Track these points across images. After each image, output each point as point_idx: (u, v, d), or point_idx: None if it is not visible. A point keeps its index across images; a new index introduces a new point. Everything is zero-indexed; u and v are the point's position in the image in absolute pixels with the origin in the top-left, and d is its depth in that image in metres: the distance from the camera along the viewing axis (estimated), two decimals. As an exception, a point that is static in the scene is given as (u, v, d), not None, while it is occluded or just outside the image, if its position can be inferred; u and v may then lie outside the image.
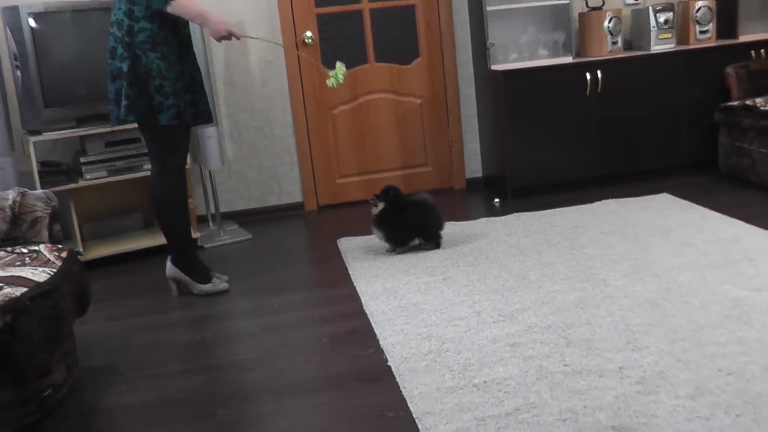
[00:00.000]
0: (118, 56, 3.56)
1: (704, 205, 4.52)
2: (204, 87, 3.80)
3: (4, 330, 2.43)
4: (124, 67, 3.53)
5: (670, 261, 3.67)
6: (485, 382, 2.66)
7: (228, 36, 3.62)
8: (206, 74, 4.66)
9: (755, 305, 3.06)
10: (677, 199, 4.73)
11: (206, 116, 3.81)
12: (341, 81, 3.72)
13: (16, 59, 4.36)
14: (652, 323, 3.00)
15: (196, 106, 3.73)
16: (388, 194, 4.20)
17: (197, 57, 4.01)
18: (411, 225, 4.25)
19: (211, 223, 5.25)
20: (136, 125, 3.76)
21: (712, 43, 5.37)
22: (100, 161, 4.58)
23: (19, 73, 4.37)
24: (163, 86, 3.55)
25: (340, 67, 3.70)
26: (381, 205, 4.19)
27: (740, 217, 4.21)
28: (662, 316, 3.06)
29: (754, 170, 4.79)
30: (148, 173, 4.51)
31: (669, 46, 5.32)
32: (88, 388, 3.00)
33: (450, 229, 4.36)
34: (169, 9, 3.48)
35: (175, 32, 3.59)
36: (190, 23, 3.72)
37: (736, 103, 4.93)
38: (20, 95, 4.43)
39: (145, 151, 4.43)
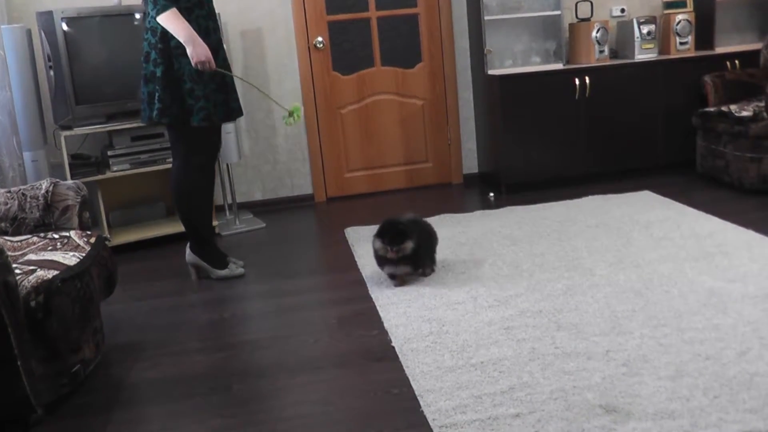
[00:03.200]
0: (152, 61, 3.49)
1: (682, 202, 4.49)
2: (234, 85, 3.73)
3: (38, 309, 2.42)
4: (158, 72, 3.47)
5: (651, 253, 3.64)
6: (482, 362, 2.64)
7: (206, 66, 3.41)
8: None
9: (730, 295, 3.04)
10: (657, 196, 4.71)
11: (237, 112, 3.75)
12: (296, 120, 3.55)
13: (49, 60, 4.33)
14: (634, 310, 2.97)
15: (228, 105, 3.66)
16: (408, 230, 3.39)
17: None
18: (425, 248, 3.59)
19: (228, 213, 5.23)
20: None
21: (691, 54, 5.33)
22: (126, 154, 4.55)
23: (52, 73, 4.34)
24: (194, 90, 3.48)
25: (296, 107, 3.55)
26: (411, 243, 3.39)
27: (715, 214, 4.18)
28: (644, 303, 3.03)
29: (728, 171, 4.76)
30: (170, 166, 4.52)
31: (651, 56, 5.29)
32: (115, 364, 2.98)
33: (448, 221, 4.33)
34: (159, 19, 3.38)
35: (206, 37, 3.49)
36: (220, 28, 3.63)
37: (712, 110, 4.90)
38: (53, 93, 4.41)
39: (168, 145, 4.45)
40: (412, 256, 3.42)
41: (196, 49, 3.38)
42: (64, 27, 4.27)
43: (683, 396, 2.29)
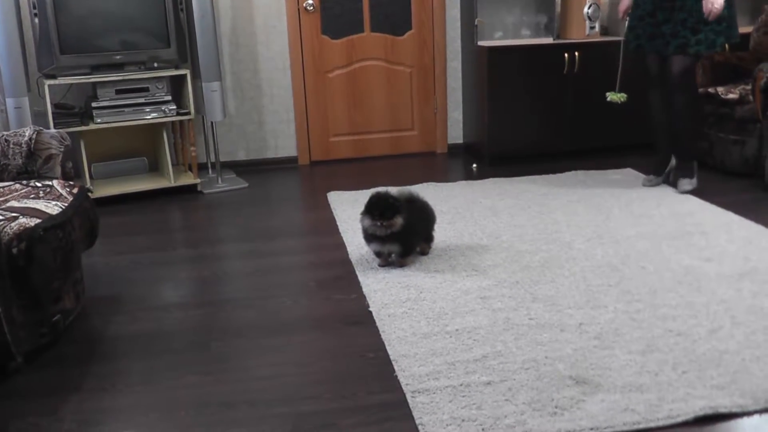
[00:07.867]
0: None
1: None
2: (692, 21, 4.09)
3: (20, 256, 2.42)
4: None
5: (630, 230, 3.70)
6: (457, 330, 2.69)
7: (711, 11, 3.94)
8: (213, 34, 4.61)
9: (705, 274, 3.10)
10: (639, 174, 4.74)
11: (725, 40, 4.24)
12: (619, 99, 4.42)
13: (34, 7, 4.28)
14: (610, 285, 3.03)
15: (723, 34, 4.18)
16: (398, 205, 3.18)
17: (206, 20, 4.36)
18: (420, 226, 3.43)
19: (210, 171, 5.22)
20: (148, 74, 3.88)
21: (681, 33, 5.34)
22: (111, 107, 4.52)
23: (36, 20, 4.29)
24: (687, 20, 4.05)
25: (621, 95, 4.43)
26: (400, 219, 3.17)
27: (695, 194, 4.24)
28: (620, 278, 3.09)
29: (711, 153, 4.81)
30: (154, 121, 4.58)
31: (642, 34, 5.29)
32: (94, 316, 3.00)
33: (431, 189, 4.36)
34: None
35: None
36: None
37: (699, 91, 4.92)
38: (37, 42, 4.35)
39: (153, 99, 4.61)
40: (401, 234, 3.21)
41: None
42: (51, -26, 4.22)
43: (652, 370, 2.35)
